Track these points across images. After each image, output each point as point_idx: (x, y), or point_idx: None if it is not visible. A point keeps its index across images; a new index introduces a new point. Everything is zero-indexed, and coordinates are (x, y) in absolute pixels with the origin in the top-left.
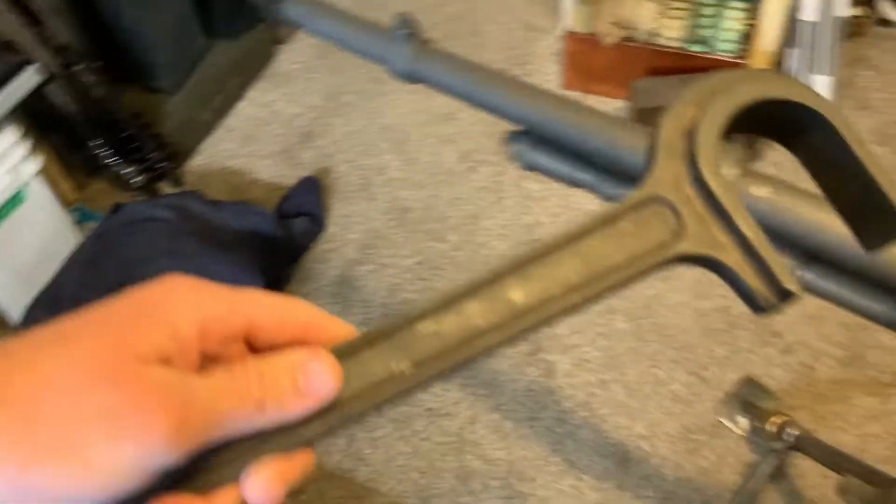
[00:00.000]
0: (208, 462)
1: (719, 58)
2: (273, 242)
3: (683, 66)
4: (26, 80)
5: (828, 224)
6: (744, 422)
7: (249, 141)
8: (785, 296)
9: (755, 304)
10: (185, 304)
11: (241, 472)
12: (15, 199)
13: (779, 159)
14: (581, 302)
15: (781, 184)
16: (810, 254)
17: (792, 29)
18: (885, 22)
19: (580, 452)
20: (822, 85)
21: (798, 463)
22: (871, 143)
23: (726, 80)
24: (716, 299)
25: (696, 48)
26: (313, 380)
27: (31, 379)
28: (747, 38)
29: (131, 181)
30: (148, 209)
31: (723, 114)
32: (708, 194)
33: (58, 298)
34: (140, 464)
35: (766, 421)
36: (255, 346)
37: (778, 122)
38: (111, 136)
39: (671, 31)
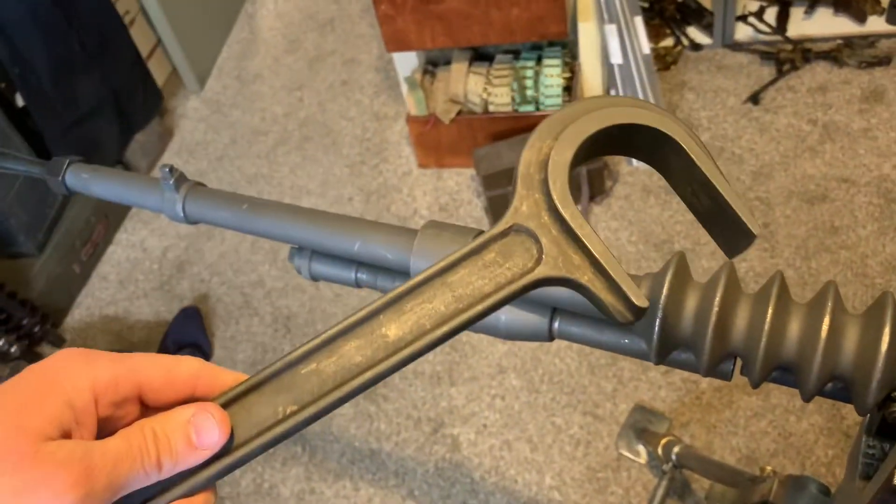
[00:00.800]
0: None
1: (548, 113)
2: None
3: (517, 127)
4: None
5: None
6: (642, 449)
7: (125, 284)
8: (636, 310)
9: (612, 318)
10: (77, 374)
11: None
12: None
13: (626, 192)
14: (452, 331)
15: None
16: (553, 307)
17: (611, 73)
18: (696, 46)
19: None
20: None
21: (701, 477)
22: None
23: (577, 110)
24: None
25: (525, 109)
26: (203, 433)
27: None
28: (569, 90)
29: (10, 352)
30: None
31: (573, 144)
32: (561, 220)
33: None
34: None
35: (657, 445)
36: (148, 405)
37: (633, 142)
38: None
39: (500, 98)
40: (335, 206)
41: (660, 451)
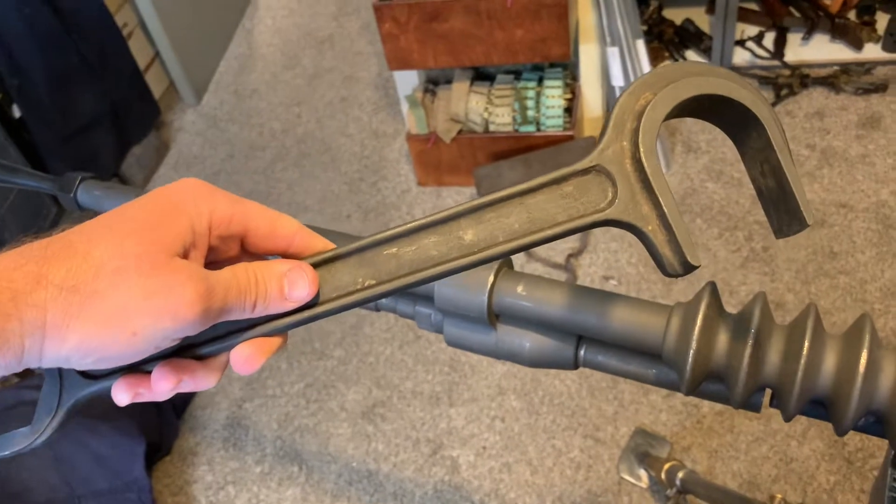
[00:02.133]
0: (208, 336)
1: (549, 134)
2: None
3: (518, 147)
4: None
5: (584, 307)
6: (644, 474)
7: None
8: (687, 267)
9: (664, 269)
10: (200, 202)
11: (231, 346)
12: None
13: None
14: (519, 247)
15: (532, 278)
16: (580, 335)
17: (611, 94)
18: None
19: None
20: None
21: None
22: (703, 180)
23: (681, 71)
24: None
25: (525, 129)
26: (295, 288)
27: (89, 268)
28: (569, 111)
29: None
30: (16, 394)
31: (670, 103)
32: (642, 172)
33: None
34: (172, 335)
35: (660, 470)
36: (247, 249)
37: (722, 114)
38: None
39: (501, 118)
40: (333, 224)
41: (663, 475)
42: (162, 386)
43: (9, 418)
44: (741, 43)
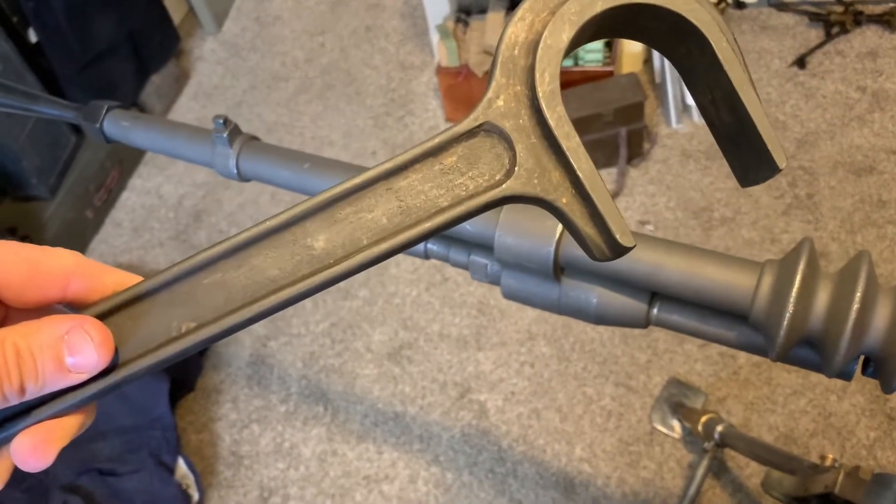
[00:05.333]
0: None
1: (587, 69)
2: None
3: None
4: None
5: (663, 262)
6: (677, 424)
7: (140, 231)
8: (618, 249)
9: (590, 253)
10: None
11: (8, 438)
12: None
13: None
14: (393, 250)
15: None
16: (654, 292)
17: None
18: (740, 4)
19: (525, 489)
20: None
21: (737, 455)
22: None
23: None
24: None
25: (563, 64)
26: (79, 356)
27: None
28: (609, 45)
29: None
30: None
31: (573, 24)
32: (545, 126)
33: None
34: None
35: (696, 422)
36: (9, 304)
37: (650, 27)
38: None
39: None
40: (358, 160)
41: (700, 428)
42: None
43: None
44: None
